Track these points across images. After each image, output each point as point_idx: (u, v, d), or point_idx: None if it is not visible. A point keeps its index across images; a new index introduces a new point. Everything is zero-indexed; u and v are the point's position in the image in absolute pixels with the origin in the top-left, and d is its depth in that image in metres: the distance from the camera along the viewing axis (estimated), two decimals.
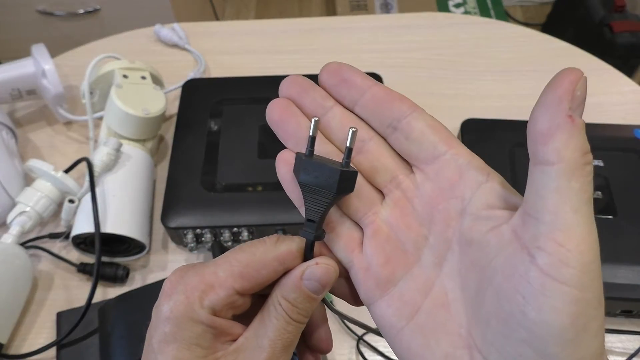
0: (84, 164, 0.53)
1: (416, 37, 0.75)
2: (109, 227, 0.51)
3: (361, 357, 0.49)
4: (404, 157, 0.25)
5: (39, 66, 0.61)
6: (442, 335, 0.23)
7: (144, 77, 0.61)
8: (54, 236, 0.57)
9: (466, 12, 1.68)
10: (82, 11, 1.40)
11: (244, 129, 0.59)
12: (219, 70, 0.73)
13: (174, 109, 0.65)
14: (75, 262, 0.55)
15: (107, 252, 0.54)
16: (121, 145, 0.55)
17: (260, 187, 0.54)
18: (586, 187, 0.21)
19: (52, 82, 0.61)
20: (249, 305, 0.25)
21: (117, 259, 0.55)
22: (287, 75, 0.70)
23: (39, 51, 0.62)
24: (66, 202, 0.53)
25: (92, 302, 0.49)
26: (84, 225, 0.51)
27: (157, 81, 0.63)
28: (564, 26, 1.56)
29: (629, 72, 1.39)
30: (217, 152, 0.57)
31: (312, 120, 0.24)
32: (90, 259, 0.55)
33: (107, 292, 0.54)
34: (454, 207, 0.24)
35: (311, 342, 0.28)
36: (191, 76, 0.70)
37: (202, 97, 0.62)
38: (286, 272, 0.25)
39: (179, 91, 0.64)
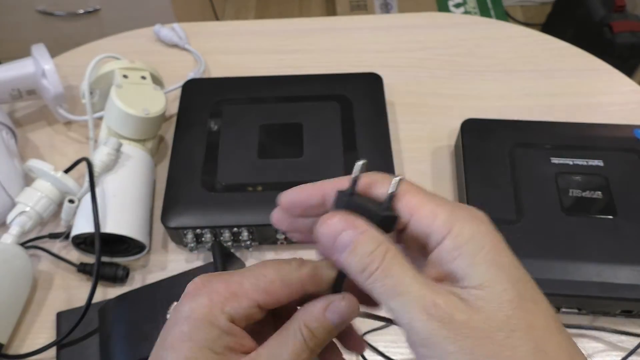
0: (84, 164, 0.53)
1: (416, 37, 0.75)
2: (108, 227, 0.51)
3: (361, 357, 0.49)
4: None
5: (39, 66, 0.61)
6: None
7: (144, 77, 0.61)
8: (53, 236, 0.57)
9: (466, 12, 1.68)
10: (82, 11, 1.40)
11: (244, 129, 0.59)
12: (218, 70, 0.73)
13: (174, 109, 0.65)
14: (75, 262, 0.55)
15: (107, 252, 0.54)
16: (121, 145, 0.55)
17: (260, 187, 0.54)
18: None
19: (52, 82, 0.61)
20: (261, 319, 0.26)
21: (117, 259, 0.55)
22: (287, 75, 0.70)
23: (39, 51, 0.62)
24: (66, 202, 0.53)
25: (92, 302, 0.49)
26: (83, 225, 0.51)
27: (157, 81, 0.63)
28: (564, 26, 1.56)
29: (629, 72, 1.39)
30: (217, 152, 0.57)
31: (357, 163, 0.24)
32: (90, 259, 0.55)
33: (107, 292, 0.54)
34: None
35: (349, 344, 0.28)
36: (191, 76, 0.70)
37: (202, 97, 0.62)
38: (306, 297, 0.26)
39: (179, 91, 0.64)
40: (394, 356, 0.48)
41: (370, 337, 0.50)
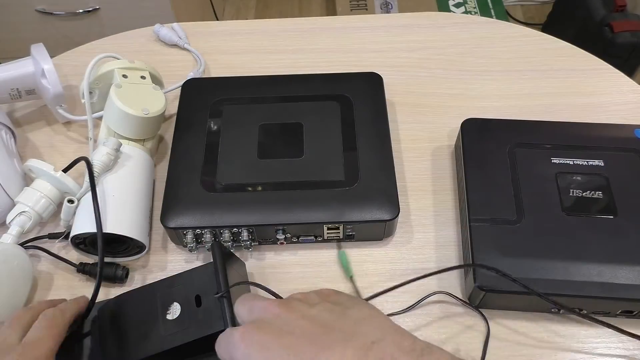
0: (83, 164, 0.53)
1: (416, 37, 0.75)
2: (108, 227, 0.51)
3: None
4: None
5: (38, 66, 0.61)
6: None
7: (143, 77, 0.61)
8: (53, 236, 0.57)
9: (466, 12, 1.68)
10: (81, 11, 1.40)
11: (244, 129, 0.59)
12: (218, 70, 0.73)
13: (174, 108, 0.65)
14: (74, 262, 0.55)
15: (107, 252, 0.54)
16: (121, 145, 0.55)
17: (260, 187, 0.54)
18: None
19: (51, 82, 0.61)
20: None
21: (116, 259, 0.55)
22: (287, 75, 0.70)
23: (38, 51, 0.62)
24: (65, 202, 0.53)
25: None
26: (83, 225, 0.51)
27: (156, 81, 0.63)
28: (565, 26, 1.56)
29: (630, 72, 1.39)
30: (217, 152, 0.57)
31: None
32: (89, 259, 0.55)
33: (107, 292, 0.53)
34: None
35: None
36: (191, 76, 0.70)
37: (201, 97, 0.62)
38: None
39: (179, 91, 0.64)
40: None
41: None
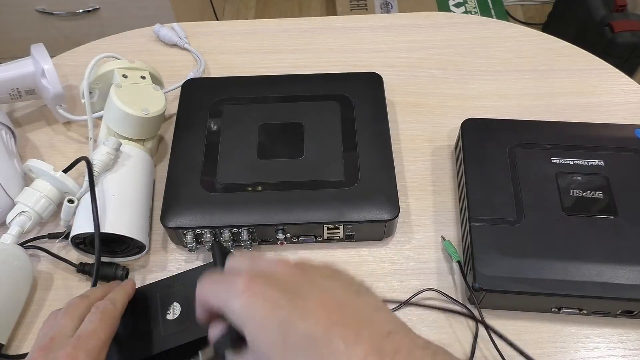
0: (83, 164, 0.53)
1: (416, 37, 0.75)
2: (108, 227, 0.51)
3: None
4: None
5: (38, 66, 0.61)
6: None
7: (143, 77, 0.61)
8: (53, 236, 0.57)
9: (466, 12, 1.68)
10: (81, 11, 1.40)
11: (244, 128, 0.59)
12: (218, 70, 0.73)
13: (174, 108, 0.65)
14: (74, 262, 0.55)
15: (107, 252, 0.54)
16: (120, 144, 0.55)
17: (260, 187, 0.54)
18: None
19: (51, 82, 0.61)
20: None
21: (116, 259, 0.55)
22: (287, 75, 0.70)
23: (38, 51, 0.62)
24: (65, 202, 0.53)
25: None
26: (83, 225, 0.51)
27: (156, 81, 0.63)
28: (565, 26, 1.56)
29: (630, 72, 1.39)
30: (217, 152, 0.57)
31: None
32: (89, 259, 0.55)
33: None
34: None
35: None
36: (191, 76, 0.70)
37: (201, 96, 0.62)
38: None
39: (179, 91, 0.64)
40: None
41: None
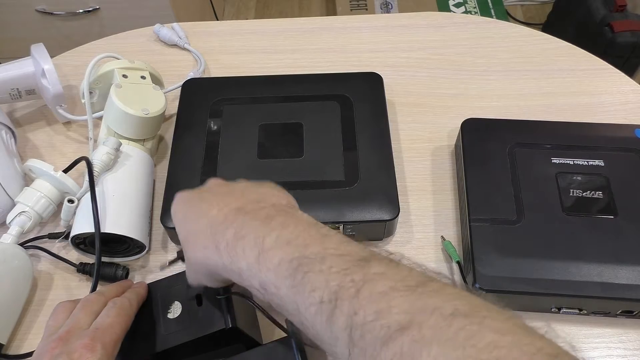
0: (83, 164, 0.53)
1: (416, 37, 0.75)
2: (108, 227, 0.51)
3: None
4: None
5: (39, 66, 0.61)
6: None
7: (143, 77, 0.61)
8: (53, 236, 0.57)
9: (466, 12, 1.68)
10: (81, 11, 1.40)
11: (244, 128, 0.59)
12: (218, 70, 0.73)
13: (174, 108, 0.65)
14: (74, 262, 0.55)
15: (107, 252, 0.54)
16: (120, 144, 0.55)
17: None
18: None
19: (51, 82, 0.61)
20: None
21: (116, 259, 0.55)
22: (287, 75, 0.69)
23: (38, 51, 0.62)
24: (65, 202, 0.53)
25: None
26: (83, 225, 0.51)
27: (156, 81, 0.63)
28: (565, 26, 1.56)
29: (630, 72, 1.39)
30: (217, 152, 0.57)
31: None
32: (89, 259, 0.55)
33: None
34: None
35: None
36: (191, 76, 0.70)
37: (201, 96, 0.62)
38: None
39: (179, 91, 0.64)
40: None
41: None
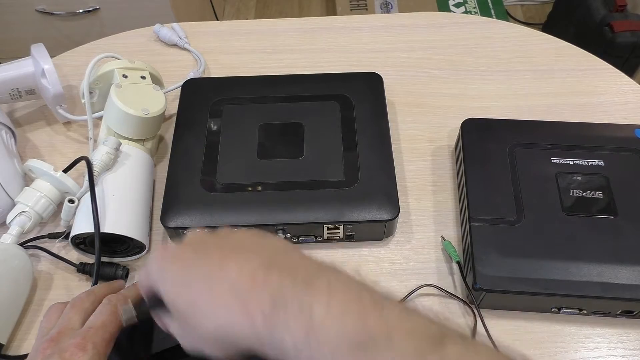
0: (84, 164, 0.53)
1: (416, 37, 0.75)
2: (108, 227, 0.51)
3: None
4: None
5: (39, 66, 0.61)
6: None
7: (143, 77, 0.61)
8: (53, 236, 0.57)
9: (466, 12, 1.68)
10: (81, 11, 1.40)
11: (244, 128, 0.59)
12: (218, 70, 0.73)
13: (174, 108, 0.65)
14: (74, 262, 0.55)
15: (107, 252, 0.54)
16: (120, 144, 0.55)
17: (260, 187, 0.54)
18: None
19: (51, 82, 0.61)
20: None
21: (116, 259, 0.55)
22: (287, 75, 0.70)
23: (38, 51, 0.62)
24: (66, 202, 0.53)
25: None
26: (83, 225, 0.51)
27: (156, 81, 0.63)
28: (565, 26, 1.56)
29: (630, 72, 1.39)
30: (217, 152, 0.57)
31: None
32: (89, 259, 0.55)
33: None
34: None
35: None
36: (191, 76, 0.70)
37: (201, 96, 0.62)
38: None
39: (179, 91, 0.64)
40: None
41: None
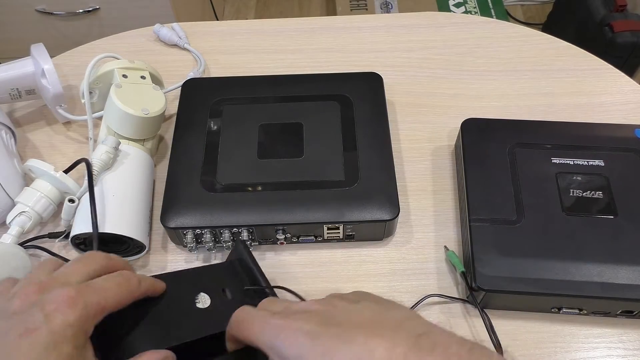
0: (84, 164, 0.53)
1: (416, 37, 0.75)
2: (108, 227, 0.51)
3: None
4: None
5: (38, 66, 0.61)
6: None
7: (143, 77, 0.61)
8: (53, 236, 0.57)
9: (466, 12, 1.68)
10: (81, 11, 1.40)
11: (244, 128, 0.59)
12: (218, 69, 0.73)
13: (174, 108, 0.65)
14: None
15: (107, 252, 0.54)
16: (119, 143, 0.55)
17: (260, 187, 0.54)
18: None
19: (51, 82, 0.61)
20: None
21: None
22: (287, 75, 0.70)
23: (38, 51, 0.62)
24: (66, 202, 0.53)
25: None
26: (83, 225, 0.51)
27: (156, 81, 0.63)
28: (565, 26, 1.56)
29: (630, 72, 1.39)
30: (217, 152, 0.57)
31: None
32: None
33: None
34: None
35: None
36: (191, 76, 0.70)
37: (201, 96, 0.62)
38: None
39: (179, 91, 0.64)
40: None
41: None
